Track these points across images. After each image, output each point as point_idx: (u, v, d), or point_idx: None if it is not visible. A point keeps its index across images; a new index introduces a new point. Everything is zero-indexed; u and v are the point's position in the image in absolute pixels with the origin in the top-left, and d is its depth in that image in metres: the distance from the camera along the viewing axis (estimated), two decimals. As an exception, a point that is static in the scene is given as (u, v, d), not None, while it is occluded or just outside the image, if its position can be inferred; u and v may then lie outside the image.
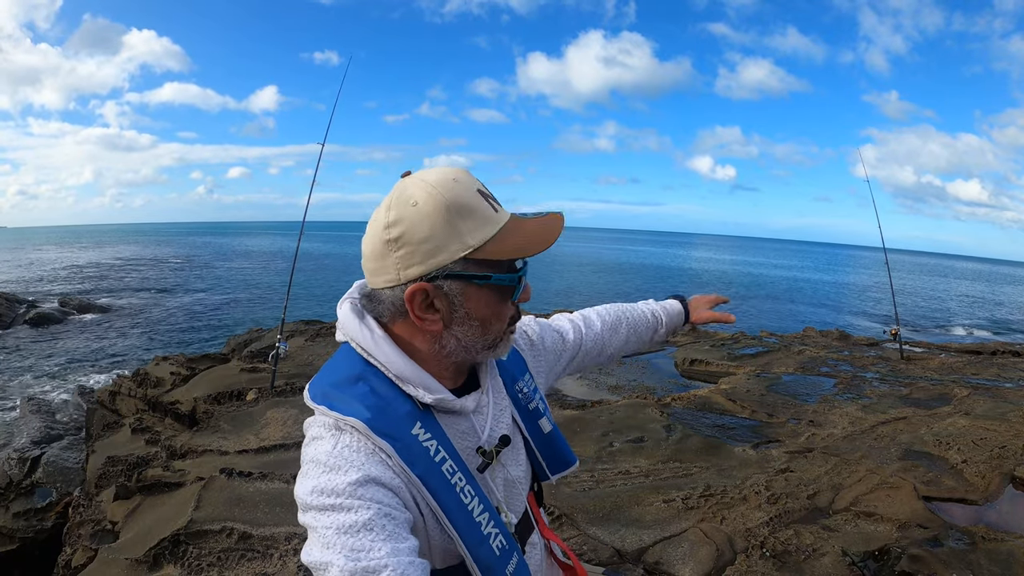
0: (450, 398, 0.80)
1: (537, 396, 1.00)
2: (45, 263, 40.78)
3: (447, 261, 0.75)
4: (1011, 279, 68.55)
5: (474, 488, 0.80)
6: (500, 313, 0.81)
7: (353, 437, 0.74)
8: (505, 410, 0.92)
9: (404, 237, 0.75)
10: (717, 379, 5.72)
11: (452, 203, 0.74)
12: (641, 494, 3.05)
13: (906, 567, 2.38)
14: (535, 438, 0.97)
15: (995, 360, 6.70)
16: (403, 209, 0.75)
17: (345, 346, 0.84)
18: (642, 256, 71.41)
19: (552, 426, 1.00)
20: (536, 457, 0.97)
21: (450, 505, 0.76)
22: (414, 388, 0.78)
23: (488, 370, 0.91)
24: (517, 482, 0.91)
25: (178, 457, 3.63)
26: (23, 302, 16.90)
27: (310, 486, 0.71)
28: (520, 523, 0.90)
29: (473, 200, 0.76)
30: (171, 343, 15.29)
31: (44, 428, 5.80)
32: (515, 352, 1.02)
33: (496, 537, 0.79)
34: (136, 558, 2.61)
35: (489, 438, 0.86)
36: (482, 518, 0.78)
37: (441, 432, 0.80)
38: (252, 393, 4.79)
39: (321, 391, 0.79)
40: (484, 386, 0.89)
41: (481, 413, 0.86)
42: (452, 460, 0.78)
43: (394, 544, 0.67)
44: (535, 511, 0.97)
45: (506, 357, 1.00)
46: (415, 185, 0.76)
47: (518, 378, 0.98)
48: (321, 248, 67.59)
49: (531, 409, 0.97)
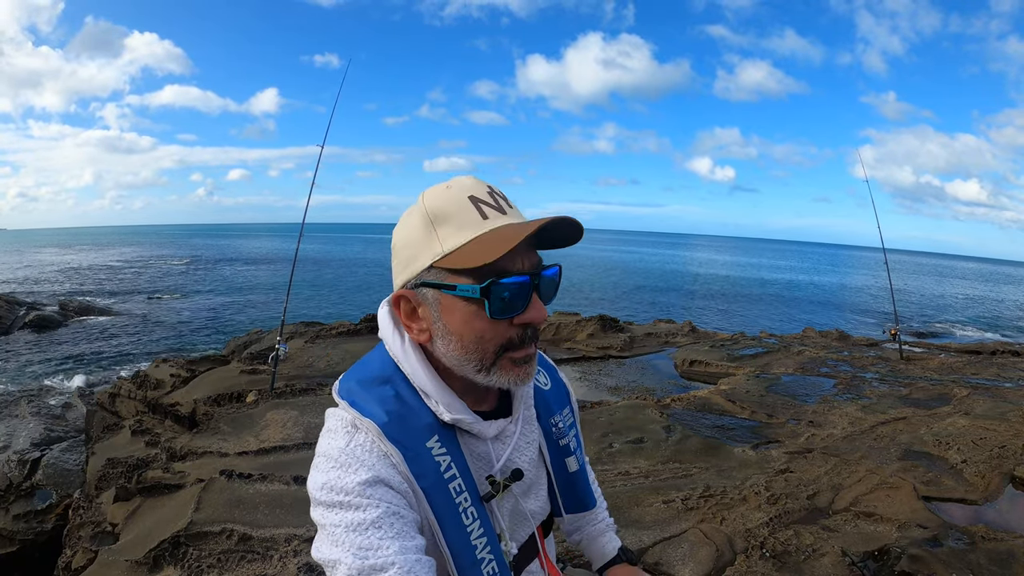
0: (469, 419, 0.79)
1: (572, 433, 0.97)
2: (45, 265, 40.78)
3: (419, 268, 0.75)
4: (1011, 279, 68.59)
5: (478, 511, 0.79)
6: (478, 330, 0.74)
7: (367, 437, 0.74)
8: (532, 443, 0.90)
9: (395, 246, 0.79)
10: (717, 380, 5.72)
11: (433, 210, 0.74)
12: (641, 495, 3.05)
13: (906, 567, 2.38)
14: (558, 475, 0.95)
15: (995, 360, 6.70)
16: (402, 219, 0.79)
17: (380, 345, 0.84)
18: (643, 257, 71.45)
19: (580, 466, 0.97)
20: (555, 494, 0.96)
21: (449, 523, 0.76)
22: (435, 404, 0.78)
23: (521, 398, 0.88)
24: (530, 515, 0.89)
25: (178, 459, 3.63)
26: (23, 304, 16.88)
27: (320, 481, 0.72)
28: (521, 551, 0.89)
29: (456, 207, 0.74)
30: (171, 345, 15.29)
31: (44, 430, 5.80)
32: (562, 384, 1.00)
33: (489, 563, 0.78)
34: (136, 560, 2.61)
35: (503, 468, 0.84)
36: (479, 542, 0.77)
37: (458, 450, 0.79)
38: (252, 395, 4.79)
39: (348, 387, 0.80)
40: (515, 415, 0.86)
41: (502, 441, 0.84)
42: (462, 479, 0.78)
43: (402, 542, 0.68)
44: (541, 541, 0.95)
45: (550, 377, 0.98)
46: (420, 196, 0.78)
47: (555, 411, 0.95)
48: (321, 250, 67.62)
49: (561, 445, 0.95)
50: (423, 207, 0.75)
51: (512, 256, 0.71)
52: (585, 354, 6.74)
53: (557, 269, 0.79)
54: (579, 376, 5.85)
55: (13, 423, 6.05)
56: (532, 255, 0.76)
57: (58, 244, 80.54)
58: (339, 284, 30.74)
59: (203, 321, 19.06)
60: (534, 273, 0.74)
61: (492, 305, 0.72)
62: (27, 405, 6.85)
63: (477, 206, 0.74)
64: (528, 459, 0.88)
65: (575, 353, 6.80)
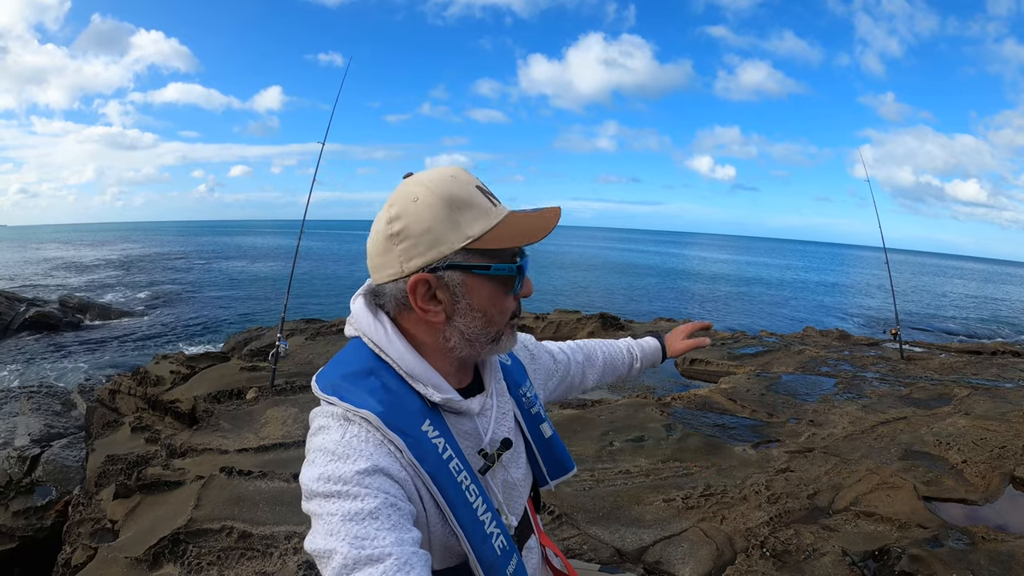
0: (457, 399, 0.82)
1: (538, 402, 1.01)
2: (46, 262, 40.78)
3: (448, 251, 0.76)
4: (1011, 279, 68.54)
5: (478, 488, 0.81)
6: (501, 305, 0.82)
7: (362, 428, 0.75)
8: (508, 413, 0.93)
9: (406, 231, 0.77)
10: (717, 379, 5.72)
11: (451, 197, 0.77)
12: (641, 493, 3.05)
13: (906, 567, 2.37)
14: (537, 442, 0.98)
15: (995, 360, 6.70)
16: (404, 205, 0.78)
17: (356, 340, 0.84)
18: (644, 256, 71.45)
19: (552, 432, 1.02)
20: (537, 461, 0.98)
21: (457, 502, 0.77)
22: (423, 386, 0.80)
23: (492, 372, 0.92)
24: (517, 485, 0.92)
25: (178, 456, 3.63)
26: (23, 301, 16.87)
27: (316, 473, 0.71)
28: (519, 527, 0.91)
29: (471, 194, 0.78)
30: (171, 341, 15.30)
31: (44, 426, 5.80)
32: (517, 359, 1.04)
33: (498, 537, 0.80)
34: (136, 557, 2.61)
35: (491, 441, 0.87)
36: (485, 517, 0.79)
37: (448, 431, 0.81)
38: (252, 392, 4.79)
39: (331, 382, 0.80)
40: (488, 389, 0.90)
41: (484, 415, 0.87)
42: (458, 459, 0.79)
43: (399, 534, 0.68)
44: (533, 516, 0.99)
45: (509, 355, 1.02)
46: (415, 184, 0.79)
47: (521, 383, 0.99)
48: (322, 246, 67.60)
49: (533, 413, 0.98)
50: (440, 194, 0.77)
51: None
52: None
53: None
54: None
55: (13, 419, 6.05)
56: None
57: (59, 240, 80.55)
58: (340, 281, 30.73)
59: (203, 318, 19.07)
60: (524, 252, 0.83)
61: (519, 281, 0.82)
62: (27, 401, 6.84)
63: (485, 196, 0.80)
64: (508, 428, 0.91)
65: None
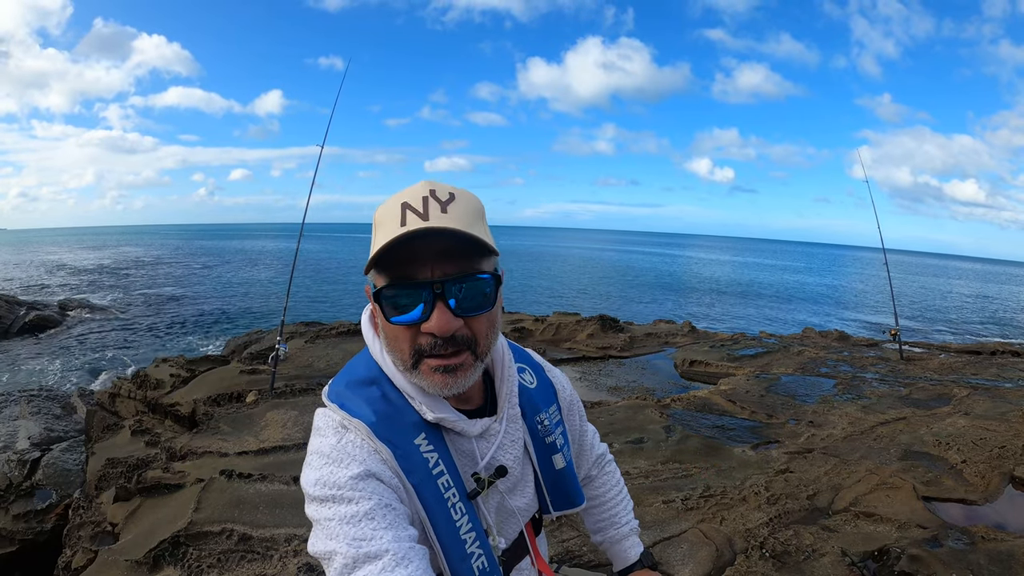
0: (452, 418, 0.81)
1: (558, 431, 0.97)
2: (45, 265, 40.76)
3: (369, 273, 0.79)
4: (1010, 279, 68.56)
5: (466, 507, 0.80)
6: (389, 331, 0.77)
7: (357, 436, 0.77)
8: (517, 441, 0.90)
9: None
10: (716, 380, 5.72)
11: (376, 217, 0.78)
12: (641, 495, 3.05)
13: (906, 567, 2.37)
14: (544, 473, 0.95)
15: (995, 360, 6.70)
16: None
17: (367, 348, 0.87)
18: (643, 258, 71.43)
19: (567, 463, 0.98)
20: (542, 491, 0.96)
21: (439, 518, 0.77)
22: (417, 404, 0.80)
23: (506, 397, 0.89)
24: (516, 512, 0.91)
25: (178, 459, 3.63)
26: (23, 304, 16.86)
27: (313, 477, 0.74)
28: (511, 549, 0.90)
29: (388, 214, 0.74)
30: (171, 345, 15.29)
31: (44, 430, 5.79)
32: (548, 383, 1.00)
33: (479, 558, 0.79)
34: (136, 560, 2.61)
35: (487, 466, 0.85)
36: (468, 536, 0.79)
37: (444, 447, 0.81)
38: (252, 395, 4.79)
39: (336, 390, 0.83)
40: (500, 414, 0.87)
41: (486, 439, 0.85)
42: (450, 475, 0.80)
43: (395, 532, 0.70)
44: (531, 540, 0.96)
45: (538, 375, 0.99)
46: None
47: (541, 409, 0.96)
48: (321, 250, 67.60)
49: (547, 443, 0.95)
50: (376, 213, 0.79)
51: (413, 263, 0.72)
52: (585, 354, 6.74)
53: (488, 277, 0.75)
54: (579, 376, 5.85)
55: (13, 423, 6.04)
56: (447, 264, 0.73)
57: (59, 244, 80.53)
58: (339, 284, 30.73)
59: (203, 321, 19.05)
60: (437, 282, 0.71)
61: (384, 309, 0.75)
62: (27, 405, 6.84)
63: (403, 212, 0.72)
64: (513, 456, 0.89)
65: (575, 353, 6.80)
